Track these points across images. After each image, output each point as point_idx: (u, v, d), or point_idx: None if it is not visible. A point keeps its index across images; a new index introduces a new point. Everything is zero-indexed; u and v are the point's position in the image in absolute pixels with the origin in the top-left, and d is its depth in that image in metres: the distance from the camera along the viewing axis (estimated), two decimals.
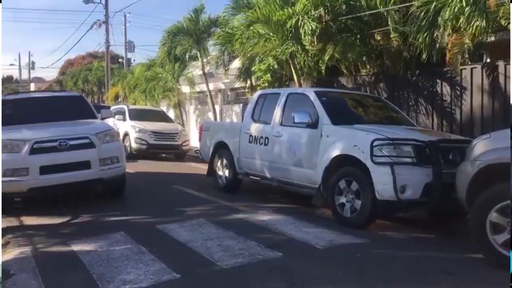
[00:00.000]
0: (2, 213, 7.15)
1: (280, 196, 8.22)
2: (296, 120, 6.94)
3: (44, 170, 6.93)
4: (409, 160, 5.85)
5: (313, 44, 11.49)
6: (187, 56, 19.97)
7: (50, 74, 73.80)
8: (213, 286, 4.18)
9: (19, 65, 61.13)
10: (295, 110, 7.12)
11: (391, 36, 11.02)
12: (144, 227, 6.23)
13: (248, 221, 6.43)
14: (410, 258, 4.95)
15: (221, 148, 8.96)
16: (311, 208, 7.10)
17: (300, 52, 11.85)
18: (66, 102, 8.88)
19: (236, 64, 16.34)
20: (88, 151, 7.24)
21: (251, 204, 7.53)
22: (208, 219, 6.39)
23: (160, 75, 20.93)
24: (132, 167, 10.89)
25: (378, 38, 11.70)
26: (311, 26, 10.81)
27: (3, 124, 7.75)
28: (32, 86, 57.57)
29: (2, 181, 6.81)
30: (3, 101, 8.34)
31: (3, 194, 7.02)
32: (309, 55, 12.18)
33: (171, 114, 21.10)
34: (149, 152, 15.52)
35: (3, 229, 6.43)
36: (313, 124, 6.87)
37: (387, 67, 11.82)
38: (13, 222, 6.75)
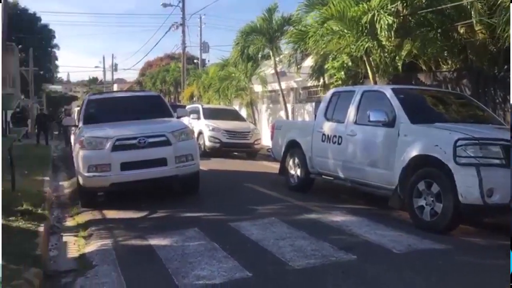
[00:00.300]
0: (86, 207, 7.62)
1: (354, 197, 7.99)
2: (371, 119, 6.70)
3: (125, 166, 7.25)
4: (497, 161, 5.43)
5: (389, 39, 11.07)
6: (259, 55, 20.11)
7: (132, 75, 77.62)
8: (284, 286, 4.12)
9: (103, 67, 65.14)
10: (371, 108, 6.88)
11: (476, 29, 10.34)
12: (217, 224, 6.31)
13: (321, 221, 6.31)
14: (497, 268, 4.57)
15: (293, 147, 8.88)
16: (386, 210, 6.82)
17: (376, 48, 11.47)
18: (145, 102, 9.26)
19: (309, 62, 16.18)
20: (165, 148, 7.47)
21: (323, 204, 7.38)
22: (280, 218, 6.34)
23: (233, 74, 21.27)
24: (205, 165, 11.13)
25: (461, 31, 11.02)
26: (388, 20, 10.41)
27: (88, 122, 8.26)
28: (115, 87, 60.92)
29: (88, 176, 7.24)
30: (88, 100, 8.86)
31: (89, 188, 7.47)
32: (385, 51, 11.75)
33: (244, 113, 21.36)
34: (222, 150, 15.79)
35: (88, 221, 6.83)
36: (390, 123, 6.59)
37: (471, 62, 11.10)
38: (96, 215, 7.13)
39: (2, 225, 6.10)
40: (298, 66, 16.26)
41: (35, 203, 7.36)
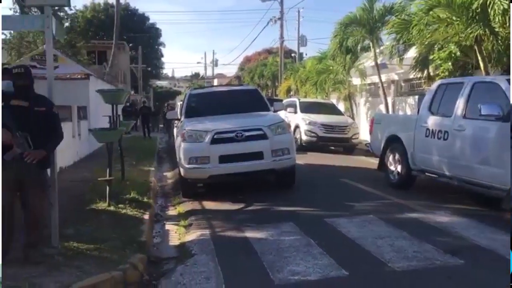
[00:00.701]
0: (187, 197, 7.93)
1: (461, 197, 7.40)
2: (483, 112, 6.14)
3: (223, 159, 7.43)
4: None
5: (504, 26, 10.10)
6: (358, 47, 19.48)
7: (231, 70, 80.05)
8: None
9: (205, 63, 67.76)
10: (482, 101, 6.31)
11: None
12: (312, 219, 6.22)
13: (424, 221, 5.93)
14: None
15: (393, 142, 8.47)
16: (498, 212, 6.22)
17: (488, 36, 10.52)
18: (243, 96, 9.42)
19: (412, 53, 15.32)
20: (261, 142, 7.53)
21: (426, 203, 6.94)
22: (379, 216, 6.09)
23: (331, 67, 20.90)
24: (301, 159, 11.06)
25: None
26: (503, 5, 9.50)
27: (190, 116, 8.59)
28: (215, 82, 63.12)
29: (188, 168, 7.53)
30: (190, 95, 9.22)
31: (189, 179, 7.76)
32: (499, 38, 10.74)
33: (341, 106, 20.92)
34: (318, 144, 15.60)
35: (188, 211, 7.11)
36: (505, 117, 5.99)
37: None
38: (196, 206, 7.41)
39: (112, 211, 6.61)
40: (400, 58, 15.49)
41: (142, 192, 7.84)
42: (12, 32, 22.97)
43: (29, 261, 4.37)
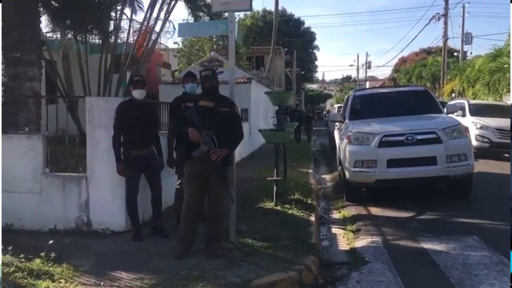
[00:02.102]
0: (351, 201, 7.72)
1: None
2: None
3: (391, 163, 7.05)
4: None
5: None
6: None
7: (383, 73, 77.42)
8: None
9: (357, 65, 66.65)
10: None
11: None
12: (499, 234, 5.48)
13: None
14: None
15: None
16: None
17: None
18: (411, 97, 8.87)
19: None
20: (435, 146, 6.97)
21: None
22: None
23: (506, 66, 18.69)
24: None
25: None
26: None
27: (354, 118, 8.37)
28: (367, 85, 61.60)
29: (354, 171, 7.31)
30: (354, 96, 9.00)
31: (354, 182, 7.53)
32: None
33: None
34: (491, 151, 14.02)
35: (354, 215, 6.91)
36: None
37: None
38: (361, 210, 7.16)
39: (279, 211, 6.72)
40: None
41: (304, 194, 7.86)
42: (182, 41, 25.41)
43: (210, 253, 4.62)
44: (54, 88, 12.45)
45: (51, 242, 4.38)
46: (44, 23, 9.09)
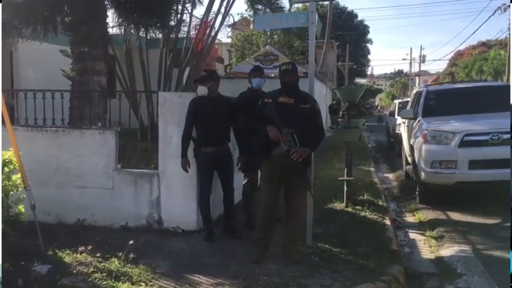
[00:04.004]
0: (425, 203, 7.24)
1: None
2: None
3: (473, 164, 6.52)
4: None
5: None
6: None
7: (435, 67, 74.57)
8: None
9: (410, 59, 64.38)
10: None
11: None
12: None
13: None
14: None
15: None
16: None
17: None
18: (492, 93, 8.21)
19: None
20: None
21: None
22: None
23: None
24: None
25: None
26: None
27: (428, 115, 7.86)
28: (417, 80, 59.43)
29: (431, 172, 6.83)
30: (427, 92, 8.45)
31: (430, 184, 7.05)
32: None
33: None
34: None
35: (431, 220, 6.46)
36: None
37: None
38: (438, 214, 6.69)
39: (351, 212, 6.38)
40: None
41: (374, 194, 7.47)
42: (236, 35, 25.28)
43: (288, 258, 4.36)
44: (114, 83, 12.60)
45: (131, 242, 4.25)
46: (110, 17, 9.11)
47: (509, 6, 26.58)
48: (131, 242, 4.25)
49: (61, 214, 5.41)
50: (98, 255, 4.17)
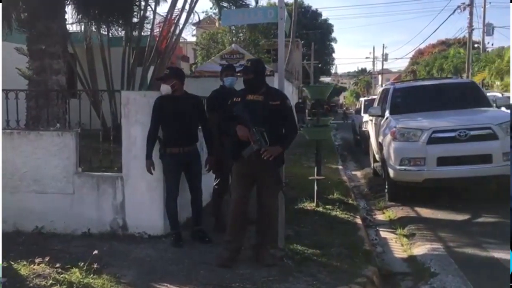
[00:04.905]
0: (394, 201, 7.24)
1: None
2: None
3: (442, 161, 6.55)
4: None
5: None
6: None
7: (396, 65, 76.23)
8: None
9: (373, 58, 65.49)
10: None
11: None
12: None
13: None
14: None
15: None
16: None
17: None
18: (458, 89, 8.31)
19: None
20: (491, 143, 6.45)
21: None
22: None
23: None
24: None
25: None
26: None
27: (396, 112, 7.86)
28: (379, 78, 60.53)
29: (400, 169, 6.82)
30: (394, 89, 8.48)
31: (399, 182, 7.05)
32: None
33: None
34: None
35: (401, 218, 6.44)
36: None
37: None
38: (408, 212, 6.68)
39: (322, 212, 6.29)
40: None
41: (342, 192, 7.42)
42: (201, 33, 24.97)
43: (260, 261, 4.20)
44: (75, 83, 12.12)
45: (95, 252, 3.98)
46: (69, 13, 8.68)
47: (469, 5, 27.36)
48: (95, 252, 3.98)
49: (18, 221, 5.06)
50: (57, 265, 3.88)
